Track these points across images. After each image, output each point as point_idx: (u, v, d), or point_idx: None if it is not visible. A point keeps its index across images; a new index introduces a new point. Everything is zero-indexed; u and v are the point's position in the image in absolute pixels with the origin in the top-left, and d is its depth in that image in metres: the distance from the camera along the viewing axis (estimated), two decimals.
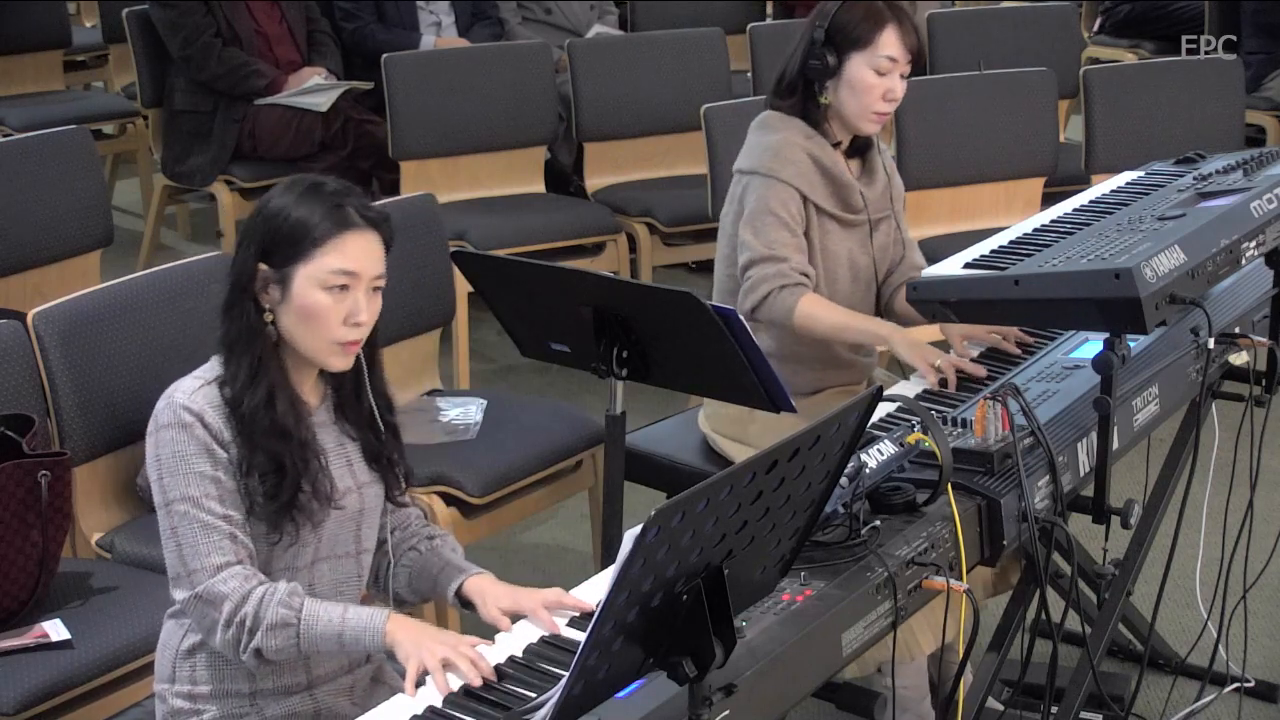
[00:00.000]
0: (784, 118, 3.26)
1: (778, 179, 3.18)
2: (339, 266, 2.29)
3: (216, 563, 2.24)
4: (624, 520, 2.90)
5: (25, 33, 6.66)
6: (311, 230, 2.29)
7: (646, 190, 5.51)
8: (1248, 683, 3.48)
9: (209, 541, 2.25)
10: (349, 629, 2.24)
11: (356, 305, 2.31)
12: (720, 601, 1.86)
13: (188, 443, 2.26)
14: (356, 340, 2.33)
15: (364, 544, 2.46)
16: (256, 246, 2.31)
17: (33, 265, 4.30)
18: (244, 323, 2.32)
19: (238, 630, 2.23)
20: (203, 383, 2.31)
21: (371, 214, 2.34)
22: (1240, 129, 5.37)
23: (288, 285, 2.30)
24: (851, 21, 3.18)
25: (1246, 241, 2.85)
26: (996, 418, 2.56)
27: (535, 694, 2.11)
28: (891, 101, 3.22)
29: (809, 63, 3.20)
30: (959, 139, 5.03)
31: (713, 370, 2.77)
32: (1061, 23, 6.33)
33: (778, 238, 3.16)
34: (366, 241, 2.32)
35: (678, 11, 6.58)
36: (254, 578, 2.26)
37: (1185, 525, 3.10)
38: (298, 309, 2.30)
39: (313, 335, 2.31)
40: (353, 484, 2.42)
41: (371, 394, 2.43)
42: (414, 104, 5.29)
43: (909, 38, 3.19)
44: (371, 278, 2.33)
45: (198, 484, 2.26)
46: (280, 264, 2.30)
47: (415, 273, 3.82)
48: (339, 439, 2.43)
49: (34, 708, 2.70)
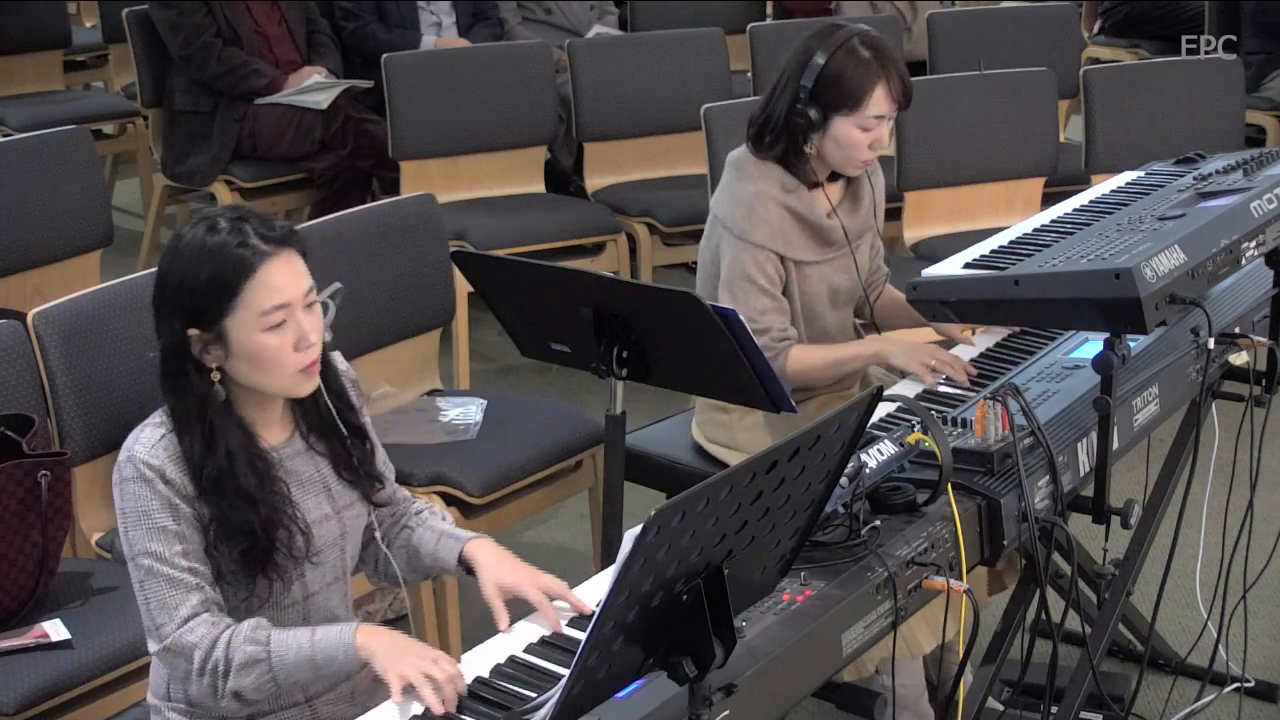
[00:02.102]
0: (760, 164, 3.19)
1: (751, 243, 3.14)
2: (270, 304, 2.22)
3: (184, 615, 2.21)
4: (624, 520, 2.90)
5: (25, 33, 6.66)
6: (227, 278, 2.21)
7: (646, 190, 5.51)
8: (1248, 683, 3.48)
9: (175, 595, 2.22)
10: (320, 651, 2.19)
11: (301, 330, 2.25)
12: (720, 601, 1.86)
13: (150, 498, 2.23)
14: (314, 360, 2.29)
15: (349, 565, 2.45)
16: (179, 314, 2.24)
17: (33, 265, 4.30)
18: (189, 395, 2.25)
19: (211, 677, 2.20)
20: (163, 432, 2.26)
21: (275, 233, 2.25)
22: (1240, 129, 5.36)
23: (226, 340, 2.23)
24: (839, 79, 3.09)
25: (1246, 241, 2.85)
26: (996, 418, 2.56)
27: (535, 694, 2.11)
28: (877, 150, 3.16)
29: (793, 118, 3.12)
30: (959, 139, 5.03)
31: (713, 370, 2.77)
32: (1061, 23, 6.32)
33: (759, 305, 3.14)
34: (284, 265, 2.24)
35: (678, 11, 6.58)
36: (220, 624, 2.22)
37: (1185, 525, 3.10)
38: (246, 358, 2.25)
39: (270, 375, 2.27)
40: (331, 510, 2.39)
41: (328, 395, 2.38)
42: (414, 104, 5.29)
43: (897, 88, 3.11)
44: (303, 296, 2.26)
45: (160, 539, 2.22)
46: (210, 323, 2.23)
47: (415, 273, 3.82)
48: (313, 464, 2.39)
49: (34, 708, 2.70)
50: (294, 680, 2.23)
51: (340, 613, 2.44)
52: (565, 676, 1.82)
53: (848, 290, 3.31)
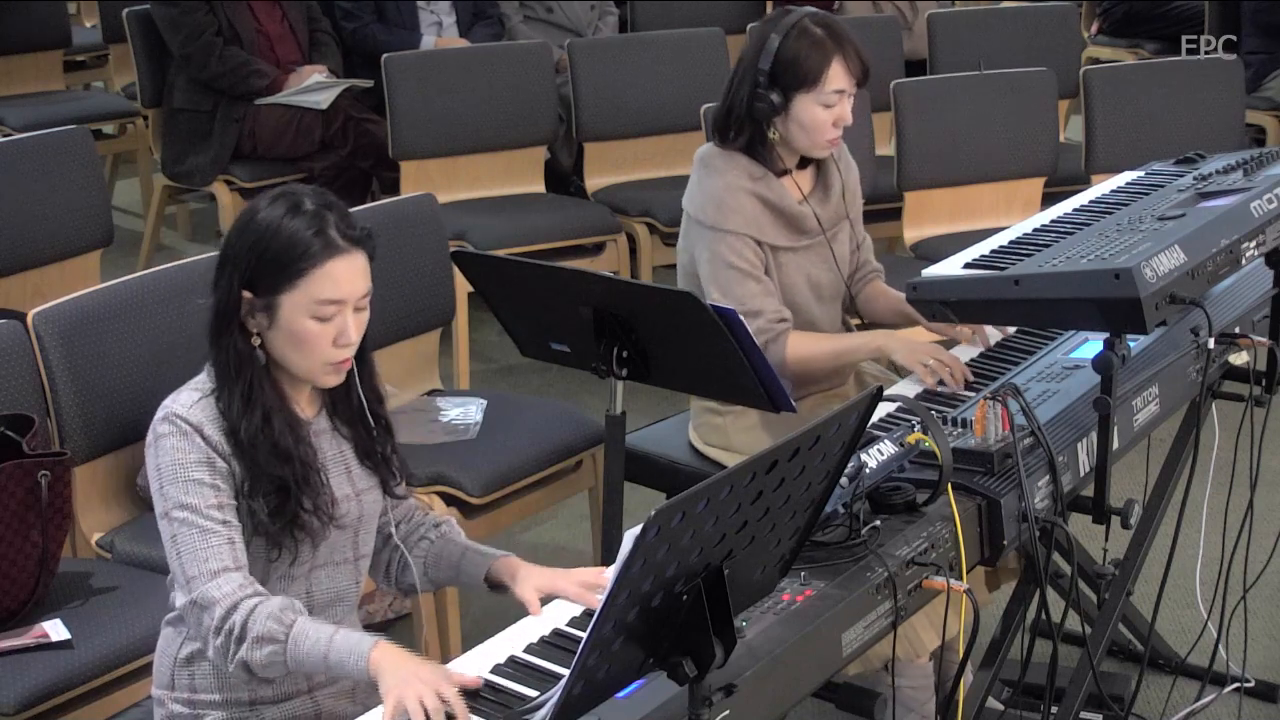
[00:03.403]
0: (727, 155, 3.19)
1: (725, 230, 3.13)
2: (326, 296, 2.26)
3: (214, 568, 2.23)
4: (624, 520, 2.90)
5: (25, 33, 6.66)
6: (296, 259, 2.25)
7: (646, 190, 5.51)
8: (1248, 683, 3.48)
9: (207, 547, 2.23)
10: (334, 650, 2.19)
11: (345, 327, 2.29)
12: (720, 601, 1.86)
13: (187, 451, 2.26)
14: (346, 359, 2.32)
15: (361, 550, 2.46)
16: (239, 274, 2.28)
17: (33, 265, 4.30)
18: (232, 351, 2.29)
19: (225, 639, 2.21)
20: (201, 395, 2.30)
21: (355, 233, 2.29)
22: (1240, 129, 5.37)
23: (274, 313, 2.27)
24: (796, 59, 3.09)
25: (1246, 241, 2.85)
26: (996, 418, 2.56)
27: (535, 694, 2.11)
28: (841, 126, 3.16)
29: (755, 104, 3.12)
30: (959, 139, 5.03)
31: (713, 370, 2.77)
32: (1061, 23, 6.32)
33: (745, 291, 3.13)
34: (351, 264, 2.28)
35: (678, 11, 6.58)
36: (249, 586, 2.23)
37: (1185, 525, 3.10)
38: (286, 335, 2.28)
39: (303, 358, 2.30)
40: (351, 491, 2.41)
41: (361, 388, 2.41)
42: (414, 104, 5.29)
43: (854, 64, 3.11)
44: (358, 297, 2.30)
45: (196, 491, 2.25)
46: (265, 292, 2.27)
47: (415, 273, 3.82)
48: (336, 444, 2.42)
49: (34, 708, 2.70)
50: (303, 669, 2.24)
51: (348, 595, 2.45)
52: (565, 676, 1.83)
53: (829, 284, 3.29)
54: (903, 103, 4.98)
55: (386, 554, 2.53)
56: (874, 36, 5.93)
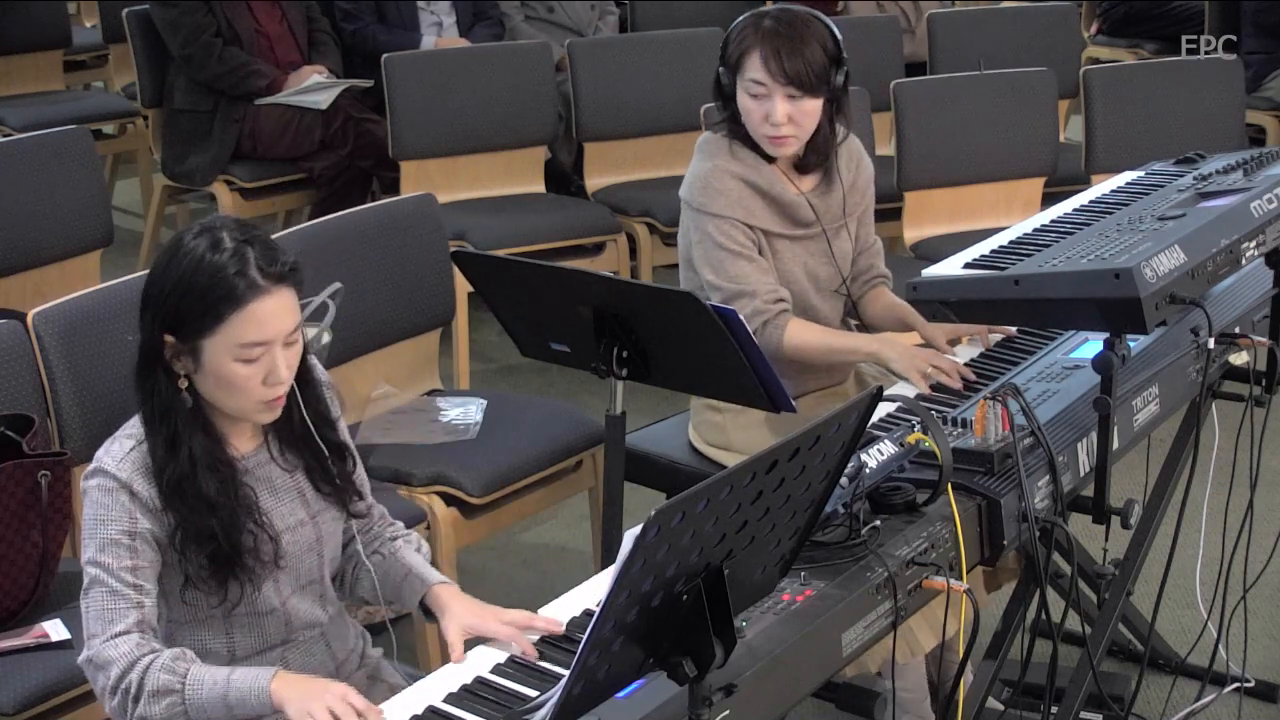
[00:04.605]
0: (717, 140, 3.20)
1: (710, 213, 3.13)
2: (250, 339, 2.20)
3: (116, 630, 2.19)
4: (624, 520, 2.90)
5: (25, 33, 6.66)
6: (215, 302, 2.17)
7: (646, 190, 5.51)
8: (1248, 683, 3.48)
9: (113, 608, 2.20)
10: (234, 690, 2.15)
11: (274, 365, 2.23)
12: (720, 601, 1.86)
13: (109, 507, 2.22)
14: (279, 396, 2.27)
15: (328, 569, 2.44)
16: (160, 318, 2.22)
17: (33, 265, 4.30)
18: (157, 396, 2.24)
19: (122, 698, 2.17)
20: (134, 443, 2.25)
21: (277, 269, 2.20)
22: (1240, 129, 5.37)
23: (199, 356, 2.22)
24: (730, 41, 3.13)
25: (1246, 241, 2.85)
26: (996, 418, 2.56)
27: (535, 694, 2.11)
28: (773, 125, 3.09)
29: (719, 81, 3.16)
30: (959, 139, 5.03)
31: (713, 370, 2.77)
32: (1061, 23, 6.32)
33: (739, 271, 3.12)
34: (277, 302, 2.21)
35: (678, 11, 6.58)
36: (146, 645, 2.19)
37: (1185, 525, 3.10)
38: (213, 378, 2.23)
39: (234, 400, 2.25)
40: (306, 515, 2.38)
41: (306, 412, 2.36)
42: (414, 104, 5.29)
43: (777, 63, 3.05)
44: (285, 334, 2.23)
45: (112, 551, 2.21)
46: (187, 337, 2.21)
47: (415, 273, 3.82)
48: (285, 472, 2.38)
49: (34, 708, 2.71)
50: (205, 716, 2.17)
51: (320, 618, 2.42)
52: (565, 676, 1.83)
53: (828, 278, 3.28)
54: (903, 103, 4.98)
55: (342, 564, 2.50)
56: (874, 37, 5.94)
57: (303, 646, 2.41)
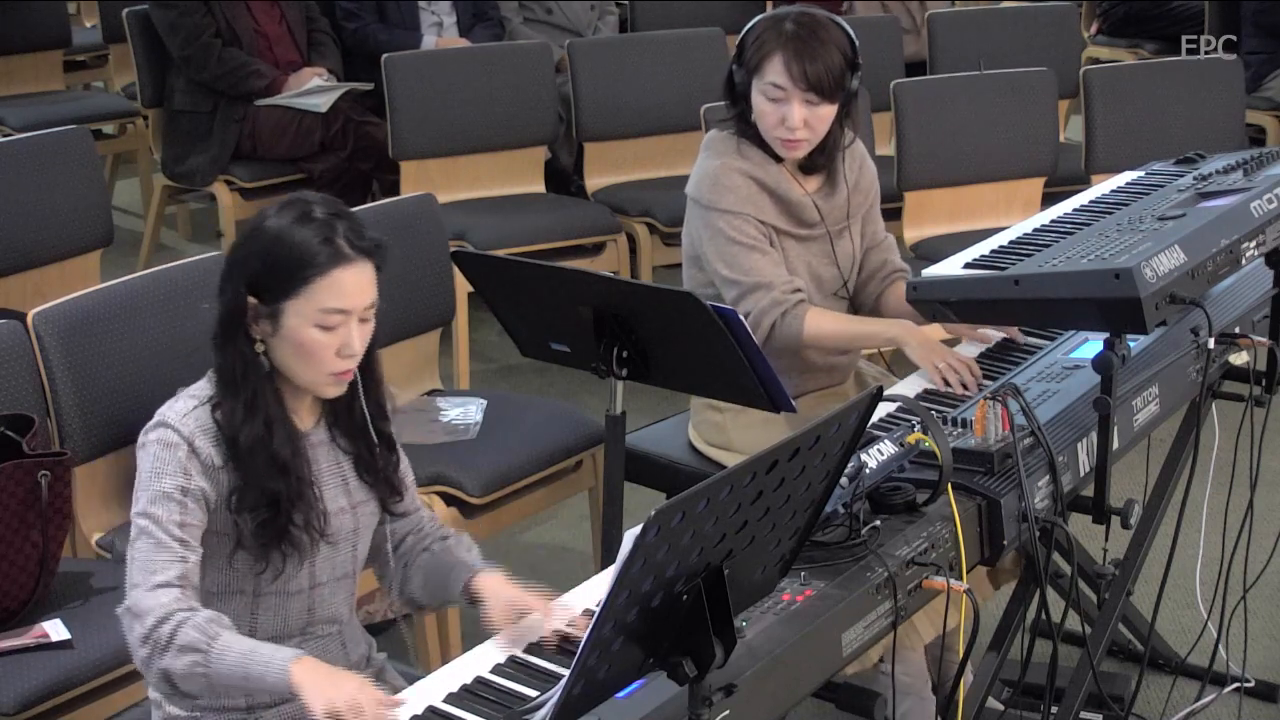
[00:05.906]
0: (725, 138, 3.20)
1: (720, 209, 3.13)
2: (331, 305, 2.25)
3: (157, 581, 2.20)
4: (624, 520, 2.90)
5: (25, 33, 6.66)
6: (302, 267, 2.24)
7: (646, 190, 5.51)
8: (1248, 683, 3.48)
9: (158, 560, 2.21)
10: (254, 663, 2.15)
11: (349, 337, 2.28)
12: (720, 601, 1.86)
13: (166, 462, 2.24)
14: (349, 369, 2.31)
15: (359, 564, 2.45)
16: (245, 280, 2.27)
17: (33, 265, 4.30)
18: (237, 357, 2.28)
19: (150, 648, 2.17)
20: (197, 403, 2.29)
21: (364, 243, 2.29)
22: (1240, 129, 5.37)
23: (278, 320, 2.26)
24: (748, 42, 3.11)
25: (1246, 241, 2.85)
26: (996, 418, 2.56)
27: (535, 693, 2.11)
28: (789, 130, 3.09)
29: (732, 81, 3.15)
30: (959, 139, 5.03)
31: (713, 370, 2.77)
32: (1061, 23, 6.32)
33: (753, 264, 3.12)
34: (358, 274, 2.28)
35: (678, 11, 6.58)
36: (185, 601, 2.20)
37: (1185, 525, 3.10)
38: (290, 344, 2.27)
39: (305, 368, 2.29)
40: (347, 504, 2.40)
41: (366, 403, 2.40)
42: (414, 104, 5.29)
43: (798, 66, 3.04)
44: (363, 308, 2.29)
45: (164, 504, 2.23)
46: (270, 300, 2.26)
47: (415, 273, 3.82)
48: (334, 456, 2.41)
49: (34, 708, 2.70)
50: (225, 683, 2.19)
51: (344, 612, 2.44)
52: (565, 676, 1.83)
53: (831, 280, 3.27)
54: (903, 103, 4.98)
55: (394, 564, 2.52)
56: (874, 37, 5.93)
57: (320, 642, 2.42)
